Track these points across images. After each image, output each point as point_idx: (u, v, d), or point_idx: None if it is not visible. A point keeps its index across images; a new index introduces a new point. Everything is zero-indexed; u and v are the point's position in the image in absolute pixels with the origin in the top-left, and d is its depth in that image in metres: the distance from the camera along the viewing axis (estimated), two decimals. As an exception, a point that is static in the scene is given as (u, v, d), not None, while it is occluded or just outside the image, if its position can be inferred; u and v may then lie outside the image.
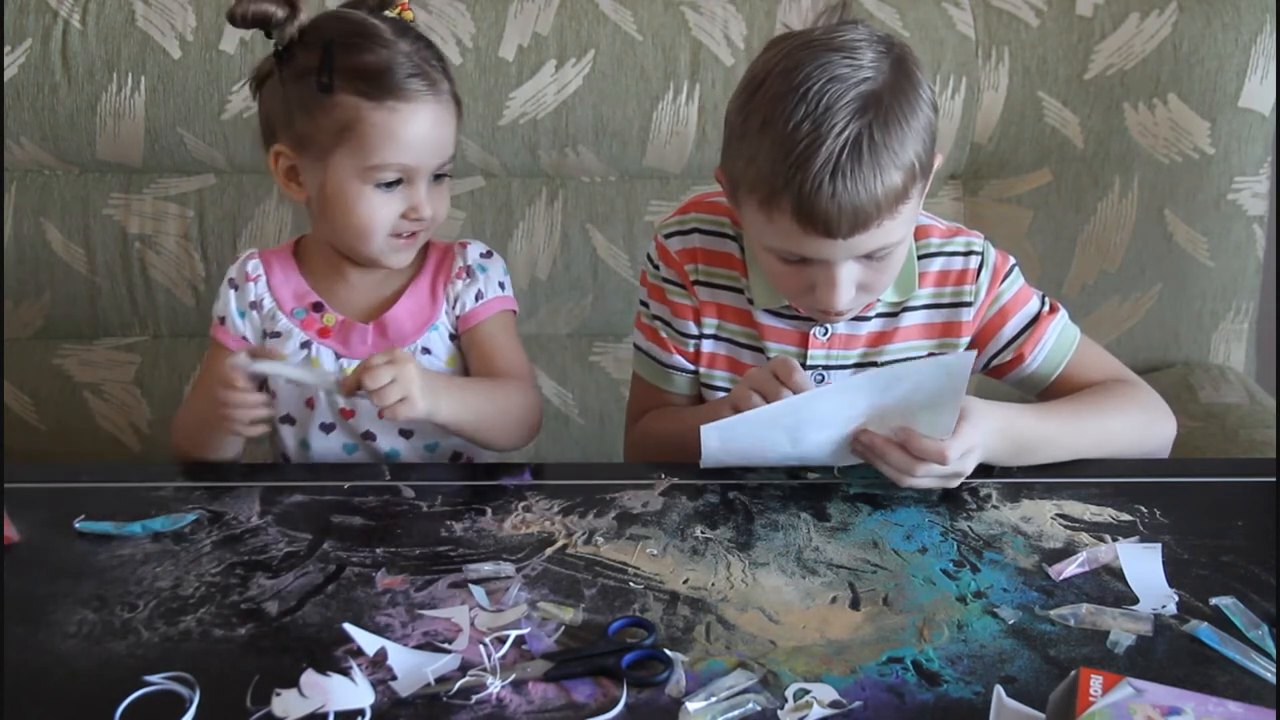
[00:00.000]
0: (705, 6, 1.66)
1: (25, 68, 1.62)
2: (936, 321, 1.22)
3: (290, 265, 1.28)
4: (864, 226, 1.03)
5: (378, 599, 0.95)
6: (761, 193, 1.04)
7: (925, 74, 1.07)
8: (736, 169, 1.07)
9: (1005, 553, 1.01)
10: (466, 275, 1.26)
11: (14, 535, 1.02)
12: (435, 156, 1.17)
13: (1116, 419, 1.18)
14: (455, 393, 1.15)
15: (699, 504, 1.08)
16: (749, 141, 1.05)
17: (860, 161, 1.00)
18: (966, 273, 1.21)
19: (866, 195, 1.01)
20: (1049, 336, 1.23)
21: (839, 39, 1.04)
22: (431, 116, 1.15)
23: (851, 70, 1.01)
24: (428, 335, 1.25)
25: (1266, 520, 1.05)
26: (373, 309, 1.26)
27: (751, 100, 1.05)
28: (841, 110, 1.00)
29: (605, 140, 1.66)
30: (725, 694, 0.83)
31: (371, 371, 1.07)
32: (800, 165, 1.00)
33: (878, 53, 1.04)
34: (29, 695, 0.84)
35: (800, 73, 1.01)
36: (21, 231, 1.68)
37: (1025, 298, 1.23)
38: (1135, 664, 0.87)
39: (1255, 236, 1.71)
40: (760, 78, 1.05)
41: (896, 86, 1.03)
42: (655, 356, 1.29)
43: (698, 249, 1.24)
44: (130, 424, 1.73)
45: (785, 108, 1.01)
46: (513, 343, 1.28)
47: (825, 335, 1.21)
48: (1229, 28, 1.63)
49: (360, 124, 1.13)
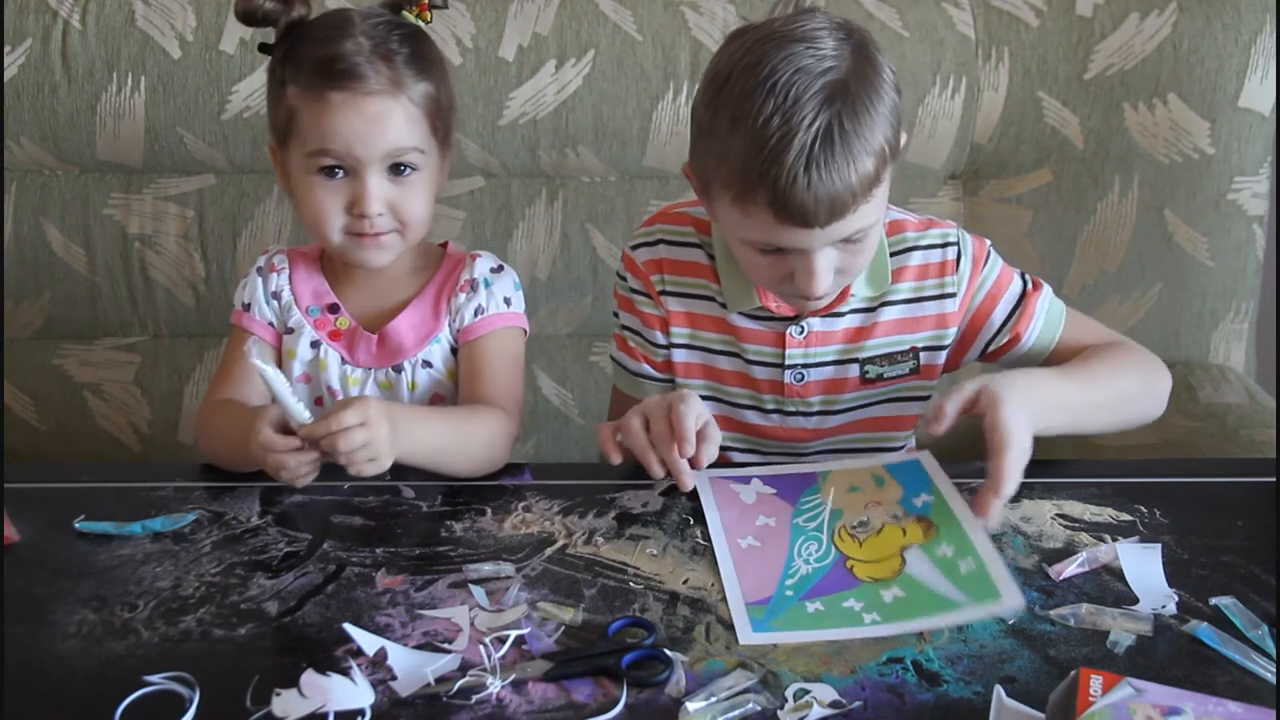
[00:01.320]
0: (705, 6, 1.66)
1: (25, 68, 1.62)
2: (920, 315, 1.22)
3: (314, 265, 1.27)
4: (840, 214, 1.04)
5: (378, 599, 0.95)
6: (736, 189, 1.04)
7: (885, 56, 1.08)
8: (708, 166, 1.08)
9: (1005, 553, 1.01)
10: (470, 289, 1.24)
11: (14, 535, 1.02)
12: (374, 148, 1.13)
13: (1127, 376, 1.19)
14: (417, 432, 1.10)
15: (698, 504, 1.08)
16: (719, 139, 1.05)
17: (833, 151, 1.01)
18: (946, 264, 1.21)
19: (841, 183, 1.02)
20: (1039, 312, 1.23)
21: (800, 29, 1.04)
22: (369, 107, 1.12)
23: (815, 61, 1.02)
24: (429, 348, 1.24)
25: (1266, 520, 1.05)
26: (381, 316, 1.25)
27: (718, 97, 1.05)
28: (810, 101, 1.01)
29: (605, 140, 1.66)
30: (725, 694, 0.83)
31: (345, 435, 1.02)
32: (774, 159, 1.01)
33: (838, 39, 1.04)
34: (29, 695, 0.84)
35: (765, 66, 1.02)
36: (21, 231, 1.68)
37: (1008, 278, 1.24)
38: (1135, 664, 0.87)
39: (1255, 236, 1.71)
40: (725, 73, 1.05)
41: (860, 73, 1.03)
42: (626, 366, 1.30)
43: (664, 259, 1.24)
44: (130, 424, 1.73)
45: (754, 103, 1.01)
46: (506, 363, 1.24)
47: (801, 334, 1.21)
48: (1229, 28, 1.63)
49: (300, 112, 1.14)
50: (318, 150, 1.14)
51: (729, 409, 1.26)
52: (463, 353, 1.25)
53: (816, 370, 1.23)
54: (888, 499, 1.07)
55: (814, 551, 1.01)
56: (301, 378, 1.25)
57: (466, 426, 1.16)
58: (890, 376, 1.23)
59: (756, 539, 1.03)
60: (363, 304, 1.26)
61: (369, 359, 1.24)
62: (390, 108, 1.14)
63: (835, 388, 1.23)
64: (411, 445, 1.08)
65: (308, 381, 1.26)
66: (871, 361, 1.22)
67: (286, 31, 1.16)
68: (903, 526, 1.03)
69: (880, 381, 1.23)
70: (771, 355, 1.23)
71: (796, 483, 1.11)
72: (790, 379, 1.23)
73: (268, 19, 1.16)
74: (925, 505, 1.05)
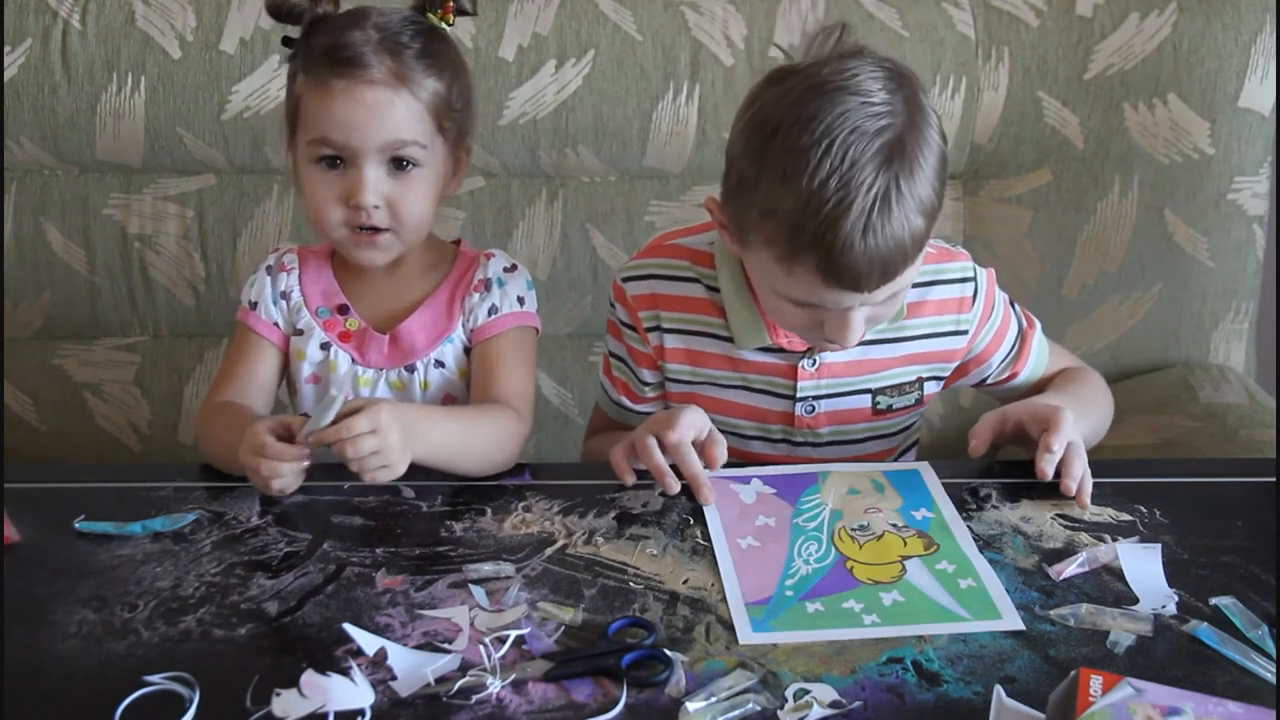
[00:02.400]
0: (705, 6, 1.66)
1: (25, 68, 1.62)
2: (931, 350, 1.22)
3: (325, 265, 1.27)
4: (891, 276, 1.02)
5: (378, 599, 0.95)
6: (782, 248, 1.02)
7: (929, 97, 1.06)
8: (748, 217, 1.05)
9: (1005, 553, 1.01)
10: (484, 289, 1.24)
11: (14, 535, 1.02)
12: (370, 138, 1.13)
13: (1103, 402, 1.27)
14: (432, 434, 1.09)
15: (698, 503, 1.08)
16: (765, 192, 1.01)
17: (889, 214, 0.99)
18: (963, 301, 1.21)
19: (895, 245, 1.00)
20: (1033, 353, 1.26)
21: (850, 78, 1.00)
22: (368, 96, 1.12)
23: (870, 119, 0.98)
24: (441, 348, 1.24)
25: (1266, 520, 1.05)
26: (393, 316, 1.24)
27: (766, 148, 1.01)
28: (867, 164, 0.98)
29: (605, 140, 1.66)
30: (725, 694, 0.83)
31: (355, 442, 1.01)
32: (829, 225, 0.98)
33: (889, 90, 1.01)
34: (29, 695, 0.84)
35: (818, 122, 0.98)
36: (21, 231, 1.68)
37: (1009, 319, 1.25)
38: (1135, 664, 0.87)
39: (1255, 236, 1.71)
40: (774, 123, 1.01)
41: (913, 126, 1.01)
42: (606, 391, 1.32)
43: (658, 295, 1.22)
44: (130, 424, 1.73)
45: (807, 162, 0.98)
46: (518, 363, 1.24)
47: (814, 366, 1.20)
48: (1229, 28, 1.63)
49: (303, 99, 1.15)
50: (318, 139, 1.14)
51: (734, 440, 1.23)
52: (475, 352, 1.24)
53: (828, 401, 1.21)
54: (887, 507, 1.07)
55: (814, 552, 1.01)
56: (310, 379, 1.25)
57: (478, 426, 1.15)
58: (899, 407, 1.23)
59: (756, 539, 1.03)
60: (374, 304, 1.25)
61: (380, 359, 1.24)
62: (390, 99, 1.13)
63: (846, 418, 1.22)
64: (426, 448, 1.08)
65: (316, 382, 1.26)
66: (883, 392, 1.21)
67: (309, 27, 1.16)
68: (904, 537, 1.03)
69: (890, 412, 1.23)
70: (783, 387, 1.21)
71: (796, 483, 1.11)
72: (801, 411, 1.21)
73: (295, 14, 1.16)
74: (925, 521, 1.05)
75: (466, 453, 1.13)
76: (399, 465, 1.04)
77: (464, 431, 1.14)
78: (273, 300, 1.25)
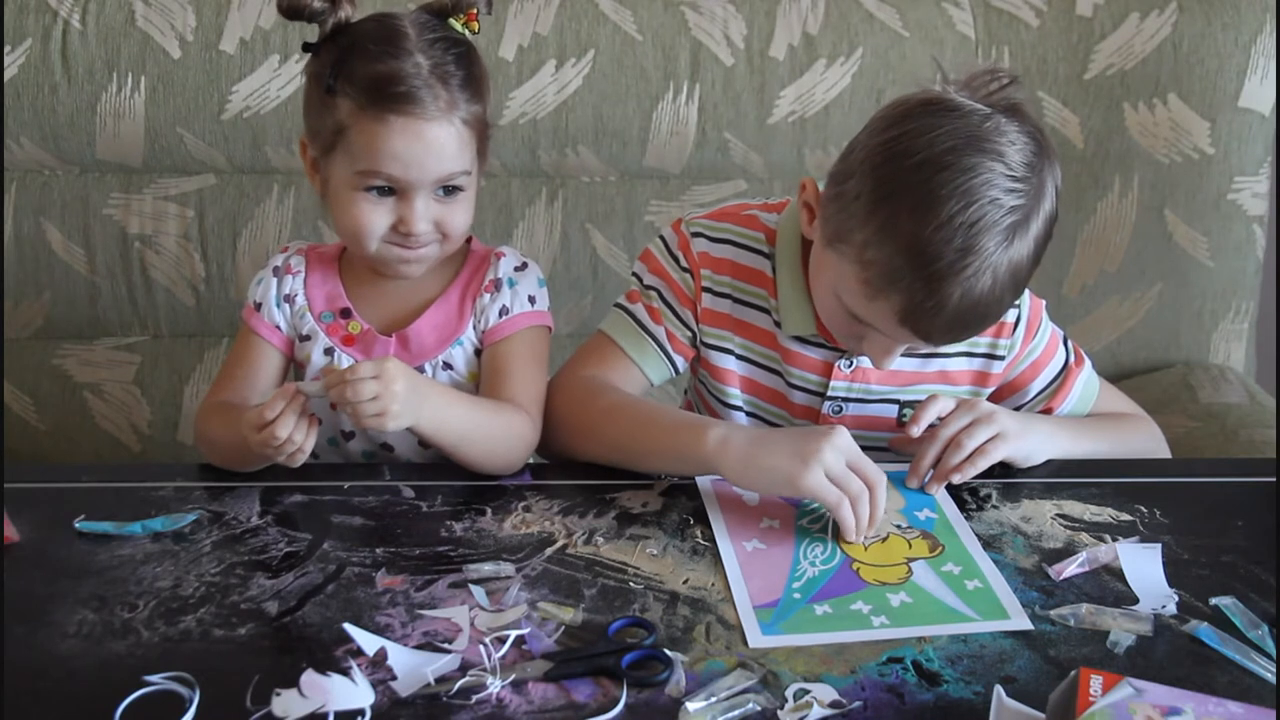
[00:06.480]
0: (705, 6, 1.66)
1: (25, 68, 1.62)
2: (967, 370, 1.21)
3: (331, 268, 1.26)
4: (959, 339, 1.04)
5: (378, 599, 0.95)
6: (876, 274, 1.01)
7: (1057, 175, 1.04)
8: (848, 229, 1.03)
9: (1005, 553, 1.01)
10: (495, 289, 1.22)
11: (14, 535, 1.02)
12: (428, 173, 1.13)
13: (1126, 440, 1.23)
14: (443, 404, 1.11)
15: (699, 504, 1.08)
16: (881, 220, 1.00)
17: (990, 287, 0.99)
18: (1004, 325, 1.19)
19: (981, 315, 1.02)
20: (1075, 390, 1.23)
21: (1003, 142, 0.99)
22: (428, 133, 1.11)
23: (1009, 193, 0.98)
24: (450, 350, 1.22)
25: (1266, 520, 1.05)
26: (402, 318, 1.23)
27: (897, 174, 0.99)
28: (991, 240, 0.97)
29: (605, 140, 1.66)
30: (725, 694, 0.83)
31: (355, 385, 1.03)
32: (935, 278, 0.98)
33: (1030, 168, 1.00)
34: (29, 695, 0.84)
35: (959, 175, 0.97)
36: (21, 231, 1.68)
37: (1054, 348, 1.23)
38: (1135, 664, 0.87)
39: (1255, 236, 1.72)
40: (919, 158, 0.98)
41: (1041, 210, 1.01)
42: (639, 319, 1.23)
43: (730, 261, 1.20)
44: (130, 424, 1.73)
45: (935, 212, 0.97)
46: (531, 363, 1.21)
47: (849, 368, 1.19)
48: (1229, 28, 1.63)
49: (351, 130, 1.12)
50: (370, 171, 1.12)
51: (758, 424, 1.23)
52: (487, 354, 1.22)
53: (856, 405, 1.21)
54: (890, 507, 1.07)
55: (820, 553, 1.01)
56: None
57: (492, 418, 1.15)
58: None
59: (762, 541, 1.03)
60: (381, 306, 1.23)
61: None
62: (446, 132, 1.12)
63: (871, 424, 1.21)
64: (438, 419, 1.08)
65: None
66: (910, 405, 1.20)
67: (333, 34, 1.14)
68: (909, 539, 1.03)
69: None
70: (815, 383, 1.20)
71: None
72: (828, 409, 1.20)
73: (313, 17, 1.13)
74: (929, 521, 1.05)
75: (477, 439, 1.13)
76: (396, 417, 1.04)
77: (478, 418, 1.13)
78: (276, 303, 1.24)
